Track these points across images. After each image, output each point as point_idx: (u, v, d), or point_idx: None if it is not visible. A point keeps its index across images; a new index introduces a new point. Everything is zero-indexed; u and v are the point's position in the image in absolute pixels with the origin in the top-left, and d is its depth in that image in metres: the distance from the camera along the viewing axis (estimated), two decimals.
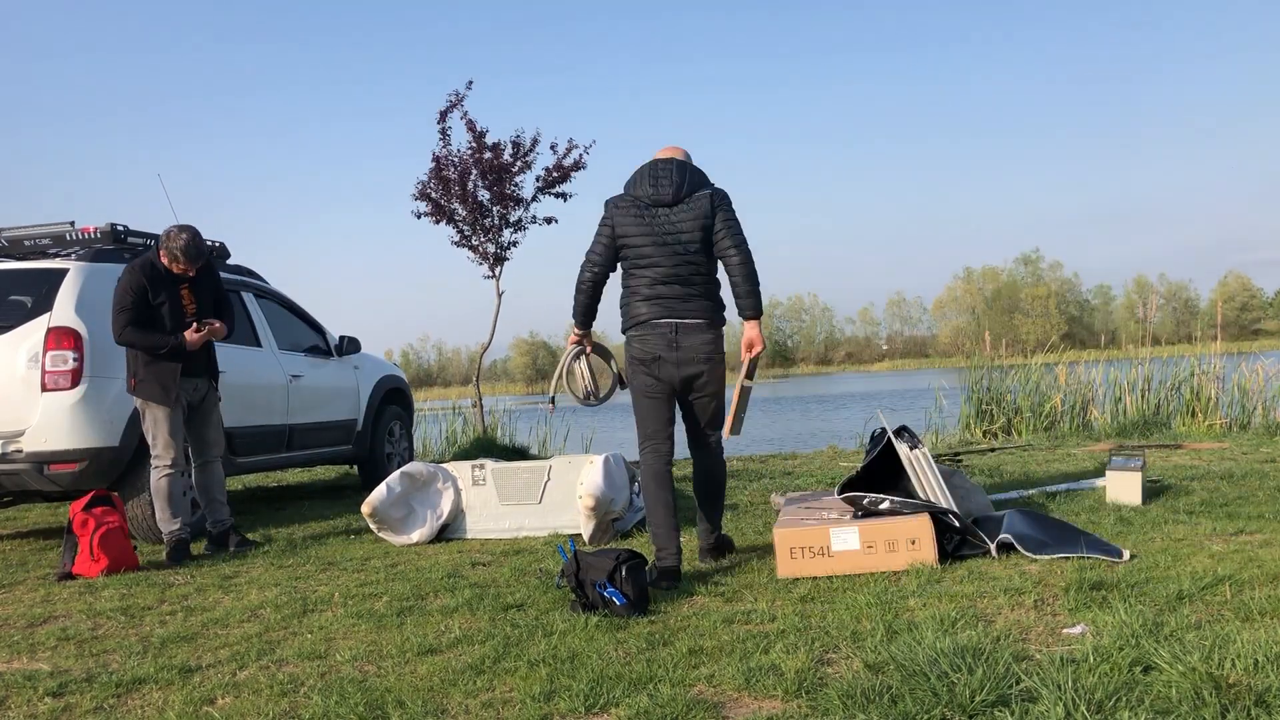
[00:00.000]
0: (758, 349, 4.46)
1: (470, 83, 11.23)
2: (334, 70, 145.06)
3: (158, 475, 5.62)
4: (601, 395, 5.00)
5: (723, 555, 4.72)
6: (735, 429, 4.51)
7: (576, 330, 4.72)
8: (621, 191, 4.49)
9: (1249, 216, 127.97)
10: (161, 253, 5.64)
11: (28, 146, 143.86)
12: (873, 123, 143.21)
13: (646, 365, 4.39)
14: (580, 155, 11.28)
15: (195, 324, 5.66)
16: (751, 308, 4.41)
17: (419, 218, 11.33)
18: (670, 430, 4.48)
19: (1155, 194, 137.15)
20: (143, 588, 4.80)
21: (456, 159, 11.11)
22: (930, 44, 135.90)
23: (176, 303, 5.65)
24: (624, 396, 4.84)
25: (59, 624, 4.15)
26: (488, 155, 11.06)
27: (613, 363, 5.06)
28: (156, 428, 5.60)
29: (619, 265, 4.50)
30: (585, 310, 4.58)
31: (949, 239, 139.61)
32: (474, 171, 11.09)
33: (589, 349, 4.87)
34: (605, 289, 4.58)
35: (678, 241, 4.34)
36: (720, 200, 4.40)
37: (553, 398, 5.20)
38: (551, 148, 11.29)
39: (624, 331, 4.51)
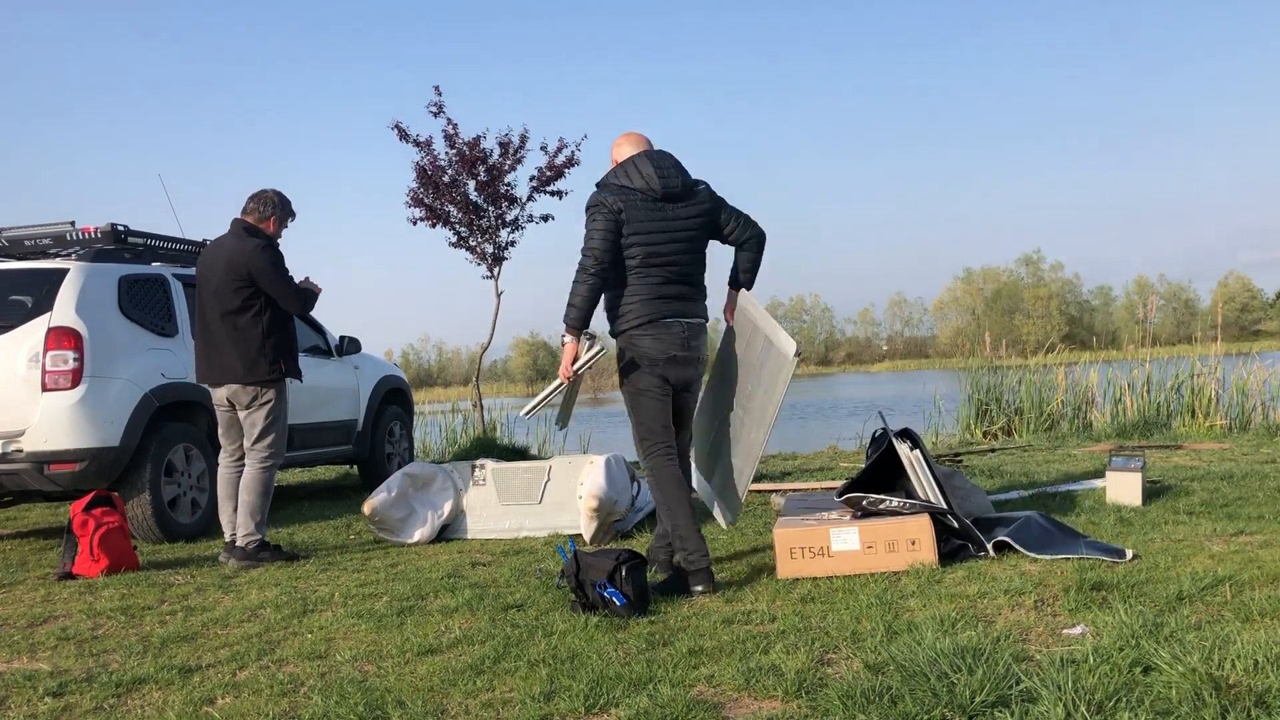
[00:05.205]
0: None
1: (437, 88, 10.90)
2: (335, 67, 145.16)
3: (266, 469, 5.37)
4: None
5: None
6: None
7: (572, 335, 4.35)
8: (616, 181, 4.23)
9: (1251, 217, 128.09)
10: (271, 221, 5.45)
11: (27, 145, 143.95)
12: (873, 123, 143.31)
13: (660, 365, 4.26)
14: (573, 152, 11.26)
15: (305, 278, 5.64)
16: (752, 281, 4.52)
17: (414, 224, 11.31)
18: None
19: (1156, 195, 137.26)
20: (143, 588, 4.80)
21: (444, 163, 11.06)
22: (930, 43, 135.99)
23: None
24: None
25: (59, 624, 4.15)
26: (475, 159, 11.00)
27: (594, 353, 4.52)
28: (281, 417, 5.41)
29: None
30: (587, 314, 4.31)
31: (949, 240, 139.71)
32: (464, 175, 11.05)
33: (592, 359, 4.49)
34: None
35: (688, 238, 4.27)
36: (714, 192, 4.38)
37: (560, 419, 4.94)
38: (542, 148, 11.26)
39: (622, 332, 4.29)
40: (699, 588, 4.03)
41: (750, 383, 4.43)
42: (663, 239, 4.21)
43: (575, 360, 4.39)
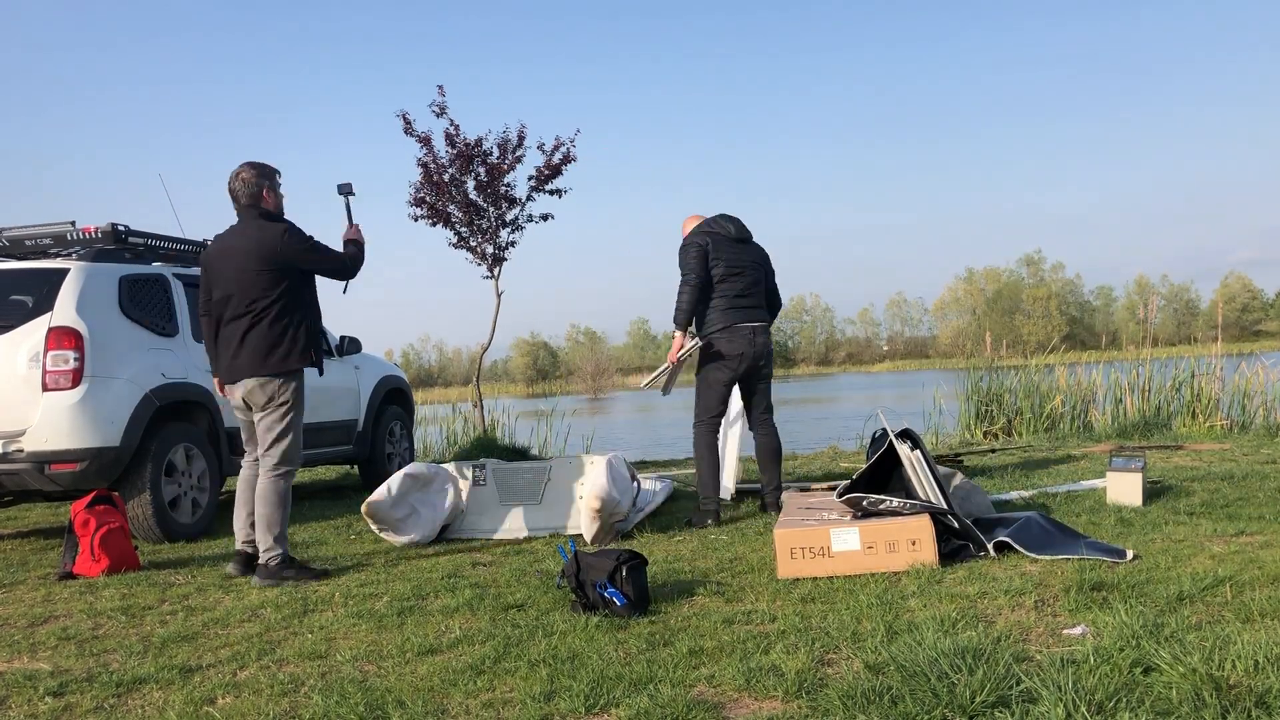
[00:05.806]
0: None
1: (441, 88, 10.99)
2: (335, 68, 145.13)
3: (283, 478, 4.86)
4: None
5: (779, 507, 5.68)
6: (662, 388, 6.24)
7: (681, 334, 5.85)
8: (709, 227, 5.88)
9: (1251, 217, 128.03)
10: (268, 195, 4.93)
11: (27, 145, 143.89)
12: (874, 122, 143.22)
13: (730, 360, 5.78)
14: (568, 149, 11.26)
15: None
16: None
17: (415, 220, 11.36)
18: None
19: (1158, 195, 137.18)
20: (143, 588, 4.80)
21: (446, 161, 11.07)
22: (931, 42, 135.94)
23: None
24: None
25: (60, 624, 4.15)
26: (475, 159, 11.01)
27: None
28: (299, 416, 4.88)
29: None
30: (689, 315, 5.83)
31: (950, 240, 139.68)
32: (462, 175, 11.06)
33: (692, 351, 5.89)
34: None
35: (757, 268, 5.90)
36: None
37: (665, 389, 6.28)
38: (539, 148, 11.27)
39: (710, 334, 5.78)
40: (708, 521, 5.68)
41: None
42: (734, 266, 5.82)
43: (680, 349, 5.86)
